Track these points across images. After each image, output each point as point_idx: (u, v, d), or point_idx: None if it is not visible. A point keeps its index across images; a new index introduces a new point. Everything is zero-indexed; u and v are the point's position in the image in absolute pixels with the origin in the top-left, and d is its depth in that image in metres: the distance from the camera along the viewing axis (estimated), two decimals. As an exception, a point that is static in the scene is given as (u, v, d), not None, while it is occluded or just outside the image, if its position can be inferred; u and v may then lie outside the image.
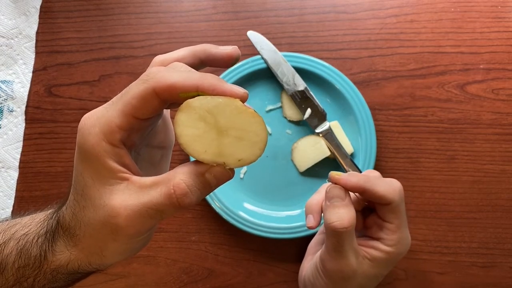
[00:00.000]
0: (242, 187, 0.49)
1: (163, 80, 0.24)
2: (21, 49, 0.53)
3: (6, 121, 0.52)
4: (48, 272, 0.29)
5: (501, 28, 0.50)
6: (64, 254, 0.28)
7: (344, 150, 0.47)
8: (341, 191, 0.34)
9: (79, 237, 0.27)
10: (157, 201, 0.25)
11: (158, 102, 0.25)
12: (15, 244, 0.30)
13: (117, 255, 0.28)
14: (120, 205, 0.25)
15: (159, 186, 0.25)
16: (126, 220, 0.25)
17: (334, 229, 0.33)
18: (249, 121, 0.25)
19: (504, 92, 0.49)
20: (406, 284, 0.47)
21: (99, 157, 0.25)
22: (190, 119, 0.24)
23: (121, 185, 0.26)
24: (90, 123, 0.26)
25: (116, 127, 0.25)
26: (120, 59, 0.52)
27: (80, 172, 0.26)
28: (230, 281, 0.48)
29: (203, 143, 0.25)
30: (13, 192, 0.51)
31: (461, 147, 0.49)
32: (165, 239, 0.49)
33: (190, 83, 0.25)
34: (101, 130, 0.25)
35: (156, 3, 0.53)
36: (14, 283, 0.30)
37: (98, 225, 0.26)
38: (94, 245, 0.27)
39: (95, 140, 0.25)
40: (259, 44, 0.49)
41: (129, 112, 0.25)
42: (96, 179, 0.26)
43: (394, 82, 0.50)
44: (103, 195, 0.25)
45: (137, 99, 0.25)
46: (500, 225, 0.47)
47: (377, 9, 0.51)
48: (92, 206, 0.26)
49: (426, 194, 0.48)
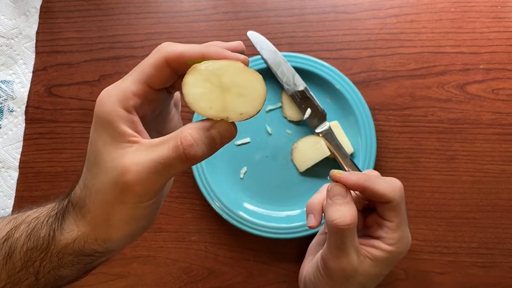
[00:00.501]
0: (242, 187, 0.49)
1: (172, 50, 0.27)
2: (21, 49, 0.53)
3: (6, 121, 0.52)
4: (54, 254, 0.30)
5: (501, 28, 0.50)
6: (71, 232, 0.29)
7: (344, 150, 0.47)
8: (343, 189, 0.35)
9: (88, 206, 0.28)
10: (165, 155, 0.26)
11: (169, 70, 0.28)
12: (26, 227, 0.31)
13: (124, 223, 0.28)
14: (130, 162, 0.26)
15: (168, 142, 0.26)
16: (135, 176, 0.26)
17: (337, 227, 0.33)
18: (249, 79, 0.27)
19: (504, 92, 0.49)
20: (406, 284, 0.47)
21: (113, 122, 0.27)
22: (197, 80, 0.27)
23: (132, 147, 0.27)
24: (108, 93, 0.28)
25: (131, 94, 0.27)
26: (120, 59, 0.52)
27: (94, 140, 0.28)
28: (230, 281, 0.48)
29: (208, 100, 0.27)
30: (13, 192, 0.51)
31: (461, 147, 0.49)
32: (165, 239, 0.49)
33: (196, 50, 0.27)
34: (117, 97, 0.27)
35: (156, 3, 0.53)
36: (21, 268, 0.31)
37: (108, 187, 0.27)
38: (102, 212, 0.27)
39: (111, 106, 0.27)
40: (259, 44, 0.49)
41: (143, 79, 0.27)
42: (108, 144, 0.27)
43: (394, 82, 0.50)
44: (115, 157, 0.27)
45: (150, 67, 0.27)
46: (500, 225, 0.47)
47: (377, 9, 0.51)
48: (104, 170, 0.27)
49: (426, 194, 0.48)
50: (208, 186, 0.47)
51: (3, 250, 0.31)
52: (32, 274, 0.31)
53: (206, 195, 0.47)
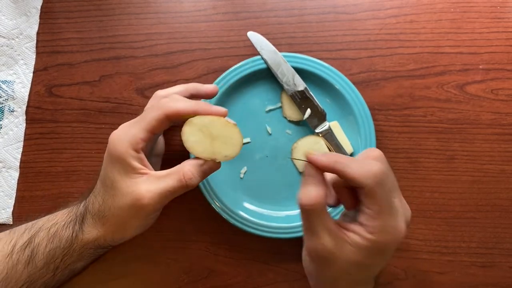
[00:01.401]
0: (242, 187, 0.49)
1: (172, 108, 0.37)
2: (21, 50, 0.53)
3: (7, 121, 0.52)
4: (77, 249, 0.41)
5: (500, 28, 0.50)
6: (92, 233, 0.40)
7: (343, 150, 0.47)
8: (312, 170, 0.34)
9: (108, 217, 0.39)
10: (171, 185, 0.37)
11: (167, 122, 0.38)
12: (46, 232, 0.41)
13: (135, 229, 0.40)
14: (145, 190, 0.37)
15: (172, 175, 0.38)
16: (148, 201, 0.37)
17: (301, 206, 0.33)
18: (231, 131, 0.38)
19: (504, 92, 0.49)
20: (406, 283, 0.47)
21: (126, 159, 0.37)
22: (192, 130, 0.37)
23: (143, 178, 0.38)
24: (119, 137, 0.38)
25: (140, 139, 0.38)
26: (120, 60, 0.52)
27: (110, 171, 0.38)
28: (230, 280, 0.48)
29: (202, 146, 0.38)
30: (14, 192, 0.51)
31: (461, 147, 0.49)
32: (165, 238, 0.49)
33: (190, 109, 0.38)
34: (129, 141, 0.37)
35: (156, 3, 0.53)
36: (42, 266, 0.41)
37: (126, 207, 0.37)
38: (120, 222, 0.39)
39: (124, 148, 0.37)
40: (259, 45, 0.49)
41: (149, 129, 0.38)
42: (123, 175, 0.38)
43: (394, 82, 0.50)
44: (130, 185, 0.37)
45: (154, 120, 0.37)
46: (499, 224, 0.47)
47: (376, 10, 0.52)
48: (120, 194, 0.38)
49: (425, 194, 0.48)
50: (208, 186, 0.47)
51: (26, 254, 0.41)
52: (52, 270, 0.41)
53: (206, 195, 0.47)
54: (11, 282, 0.40)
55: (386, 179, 0.33)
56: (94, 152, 0.51)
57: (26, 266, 0.40)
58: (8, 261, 0.40)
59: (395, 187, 0.34)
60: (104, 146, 0.39)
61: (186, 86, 0.44)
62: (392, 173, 0.34)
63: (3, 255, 0.41)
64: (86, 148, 0.51)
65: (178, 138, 0.50)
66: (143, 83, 0.52)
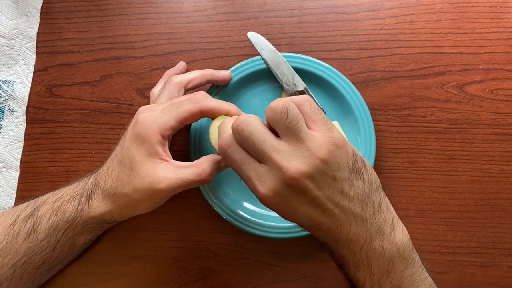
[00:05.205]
0: (242, 187, 0.49)
1: (208, 105, 0.40)
2: (22, 50, 0.53)
3: (7, 121, 0.52)
4: (80, 223, 0.41)
5: (500, 28, 0.50)
6: (99, 208, 0.41)
7: (343, 150, 0.47)
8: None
9: (119, 196, 0.40)
10: (189, 177, 0.38)
11: (199, 117, 0.40)
12: (50, 205, 0.42)
13: (145, 209, 0.41)
14: (163, 176, 0.38)
15: (192, 168, 0.39)
16: (165, 186, 0.38)
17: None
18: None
19: (503, 92, 0.49)
20: (405, 283, 0.47)
21: (152, 143, 0.39)
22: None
23: (162, 164, 0.39)
24: (150, 119, 0.39)
25: (170, 127, 0.39)
26: (120, 60, 0.53)
27: (132, 151, 0.39)
28: (230, 280, 0.48)
29: None
30: (14, 192, 0.51)
31: (460, 147, 0.49)
32: (165, 238, 0.49)
33: (224, 108, 0.40)
34: (159, 126, 0.39)
35: (156, 3, 0.53)
36: (43, 238, 0.41)
37: (142, 188, 0.38)
38: (131, 202, 0.40)
39: (153, 132, 0.39)
40: (259, 45, 0.49)
41: (180, 120, 0.39)
42: (145, 157, 0.39)
43: (393, 82, 0.50)
44: (149, 168, 0.38)
45: (188, 113, 0.39)
46: (499, 224, 0.47)
47: (376, 10, 0.52)
48: (138, 175, 0.39)
49: (425, 194, 0.48)
50: (208, 186, 0.47)
51: (27, 225, 0.41)
52: (52, 243, 0.41)
53: (206, 195, 0.47)
54: (10, 254, 0.41)
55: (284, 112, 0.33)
56: (95, 152, 0.51)
57: (26, 238, 0.41)
58: (10, 231, 0.41)
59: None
60: (104, 146, 0.40)
61: (203, 72, 0.46)
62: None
63: (4, 226, 0.41)
64: (86, 148, 0.51)
65: (178, 138, 0.50)
66: (143, 83, 0.52)
